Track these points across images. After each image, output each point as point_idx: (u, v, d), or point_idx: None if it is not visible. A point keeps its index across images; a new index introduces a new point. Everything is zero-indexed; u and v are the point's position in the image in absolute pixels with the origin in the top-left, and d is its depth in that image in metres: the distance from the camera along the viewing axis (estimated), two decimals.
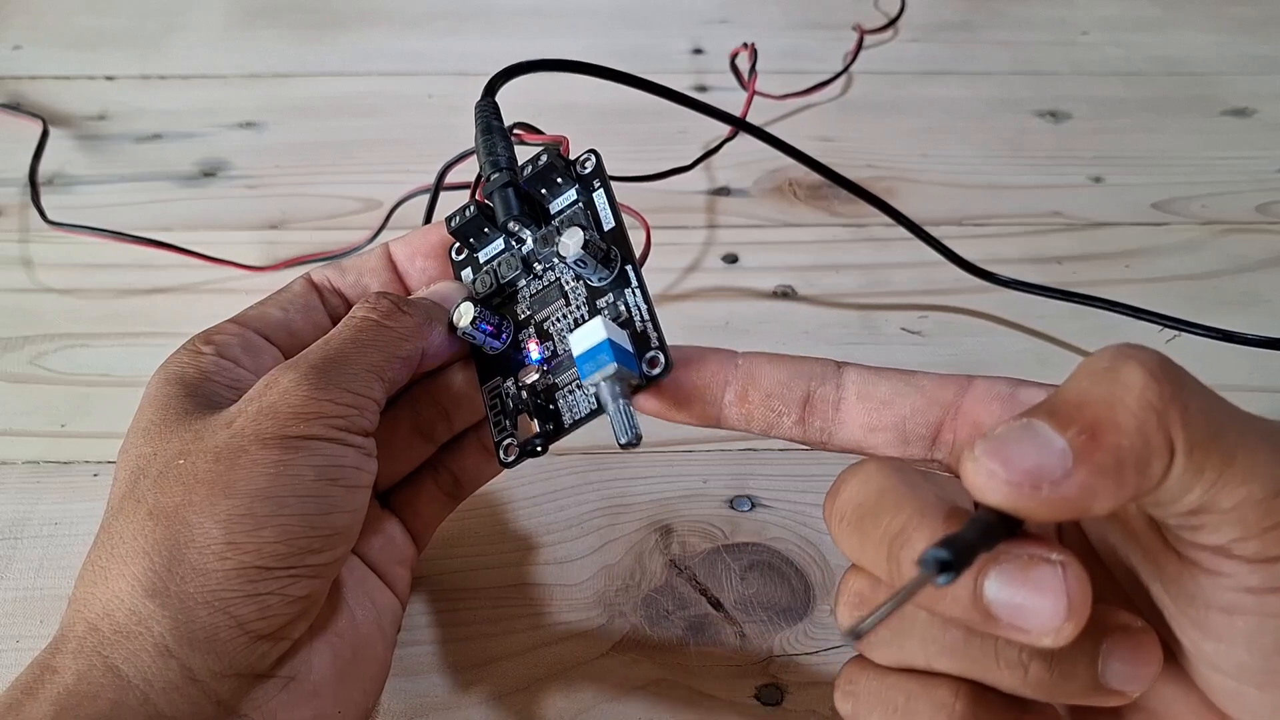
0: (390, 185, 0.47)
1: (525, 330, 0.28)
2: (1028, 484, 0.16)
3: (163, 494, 0.23)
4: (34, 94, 0.55)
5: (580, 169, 0.28)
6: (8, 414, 0.39)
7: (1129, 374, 0.17)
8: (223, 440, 0.23)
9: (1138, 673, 0.19)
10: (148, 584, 0.22)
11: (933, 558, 0.16)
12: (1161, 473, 0.17)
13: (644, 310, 0.26)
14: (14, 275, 0.45)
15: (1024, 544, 0.18)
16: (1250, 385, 0.39)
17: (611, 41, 0.59)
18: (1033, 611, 0.17)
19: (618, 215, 0.27)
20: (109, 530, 0.24)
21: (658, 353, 0.25)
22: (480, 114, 0.30)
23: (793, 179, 0.50)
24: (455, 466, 0.30)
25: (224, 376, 0.26)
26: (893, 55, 0.59)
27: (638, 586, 0.33)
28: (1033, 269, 0.44)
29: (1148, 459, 0.17)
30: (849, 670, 0.22)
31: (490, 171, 0.28)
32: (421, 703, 0.30)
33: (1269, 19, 0.62)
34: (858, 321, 0.43)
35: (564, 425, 0.27)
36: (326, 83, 0.56)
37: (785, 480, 0.36)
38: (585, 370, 0.24)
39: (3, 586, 0.33)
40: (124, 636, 0.22)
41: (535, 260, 0.29)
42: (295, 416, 0.24)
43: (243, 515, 0.23)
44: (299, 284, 0.30)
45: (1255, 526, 0.17)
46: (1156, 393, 0.17)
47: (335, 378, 0.25)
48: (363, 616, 0.26)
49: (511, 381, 0.28)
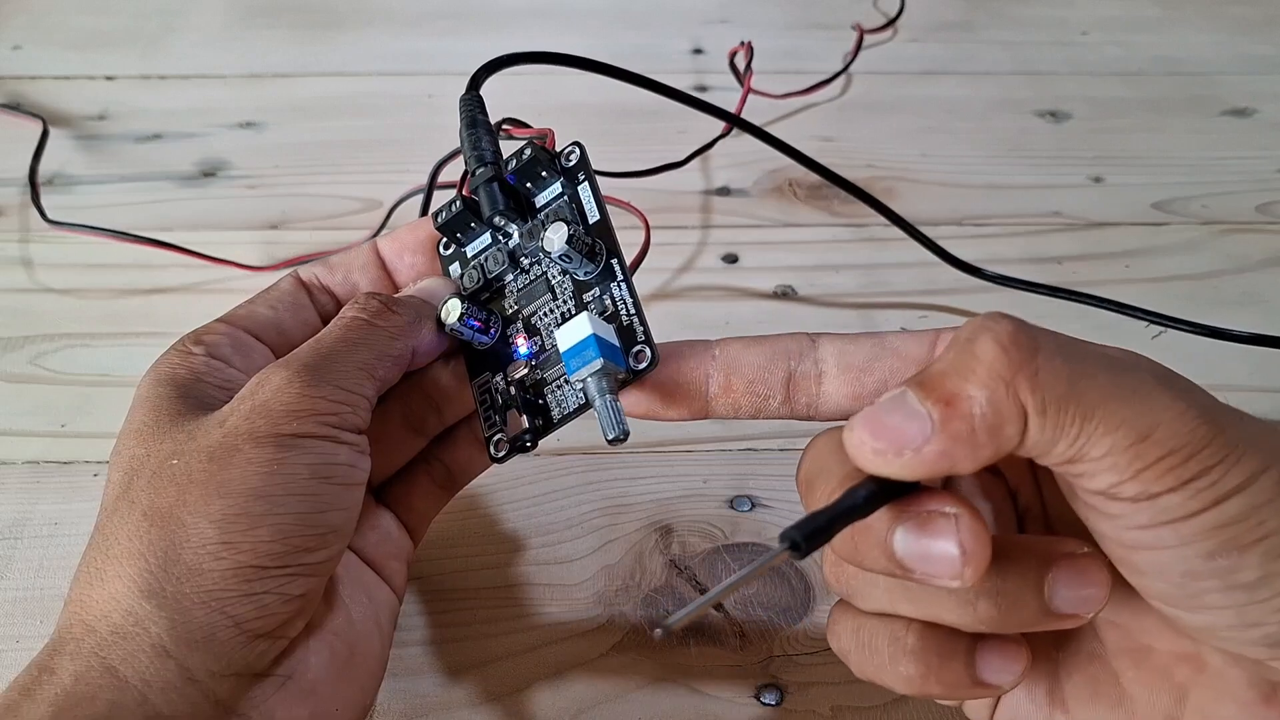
0: (390, 185, 0.47)
1: (513, 325, 0.28)
2: (891, 450, 0.19)
3: (157, 495, 0.23)
4: (34, 94, 0.55)
5: (565, 161, 0.28)
6: (8, 414, 0.39)
7: (981, 346, 0.19)
8: (216, 439, 0.23)
9: (1085, 595, 0.20)
10: (144, 585, 0.22)
11: (785, 537, 0.18)
12: (1018, 435, 0.18)
13: (629, 304, 0.26)
14: (14, 275, 0.45)
15: (926, 499, 0.20)
16: (1249, 385, 0.39)
17: (612, 41, 0.59)
18: (936, 559, 0.19)
19: (602, 208, 0.27)
20: (103, 532, 0.23)
21: (644, 347, 0.25)
22: (465, 108, 0.30)
23: (793, 179, 0.50)
24: (448, 458, 0.30)
25: (215, 377, 0.26)
26: (893, 55, 0.59)
27: (638, 586, 0.33)
28: (1033, 269, 0.44)
29: (1000, 425, 0.18)
30: (835, 612, 0.24)
31: (475, 166, 0.28)
32: (421, 703, 0.30)
33: (1269, 19, 0.62)
34: (858, 321, 0.43)
35: (553, 420, 0.27)
36: (326, 83, 0.56)
37: (785, 480, 0.36)
38: (572, 366, 0.24)
39: (3, 586, 0.33)
40: (121, 637, 0.22)
41: (522, 255, 0.29)
42: (288, 414, 0.24)
43: (237, 515, 0.22)
44: (287, 282, 0.30)
45: (1128, 469, 0.18)
46: (1005, 363, 0.19)
47: (327, 375, 0.25)
48: (359, 613, 0.26)
49: (501, 376, 0.28)
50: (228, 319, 0.28)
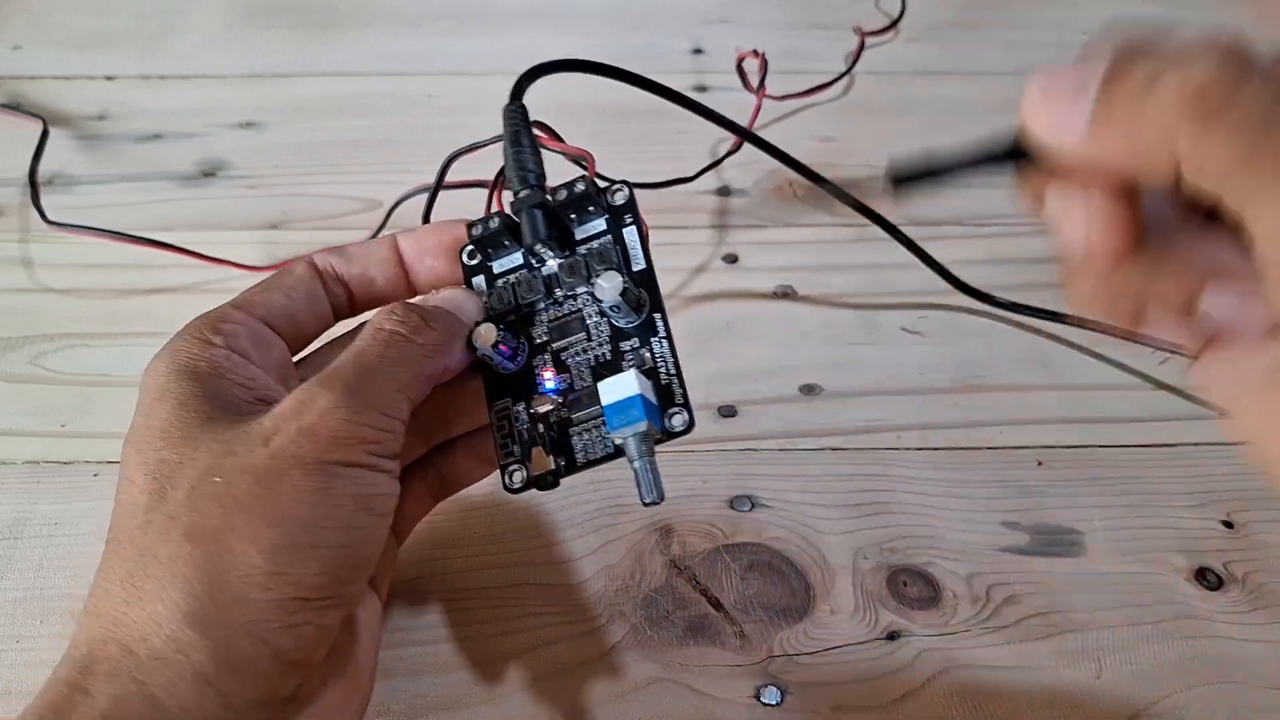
0: (390, 185, 0.47)
1: (541, 356, 0.28)
2: (1045, 124, 0.18)
3: (200, 514, 0.22)
4: (34, 94, 0.55)
5: (611, 198, 0.28)
6: (8, 414, 0.39)
7: (1163, 92, 0.17)
8: (262, 461, 0.23)
9: None
10: (188, 611, 0.22)
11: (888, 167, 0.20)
12: (1167, 178, 0.17)
13: (670, 363, 0.26)
14: (14, 275, 0.45)
15: None
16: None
17: (611, 41, 0.59)
18: (1069, 227, 0.20)
19: (648, 257, 0.27)
20: (138, 544, 0.23)
21: (682, 410, 0.25)
22: (509, 120, 0.29)
23: (793, 179, 0.50)
24: (444, 468, 0.30)
25: (237, 374, 0.25)
26: (893, 55, 0.59)
27: (638, 586, 0.33)
28: (1033, 269, 0.44)
29: (1148, 165, 0.17)
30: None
31: (519, 187, 0.28)
32: (421, 703, 0.30)
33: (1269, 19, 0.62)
34: (858, 321, 0.43)
35: (576, 464, 0.27)
36: (326, 83, 0.56)
37: (785, 480, 0.36)
38: (614, 422, 0.24)
39: (3, 586, 0.33)
40: (162, 663, 0.21)
41: (557, 286, 0.28)
42: (335, 441, 0.23)
43: (286, 545, 0.22)
44: (303, 269, 0.29)
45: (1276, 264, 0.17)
46: (1179, 110, 0.17)
47: (371, 399, 0.24)
48: (358, 627, 0.26)
49: (522, 406, 0.27)
50: (244, 306, 0.27)
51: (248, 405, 0.25)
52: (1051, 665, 0.31)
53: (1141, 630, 0.32)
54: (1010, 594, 0.33)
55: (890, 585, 0.33)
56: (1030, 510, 0.36)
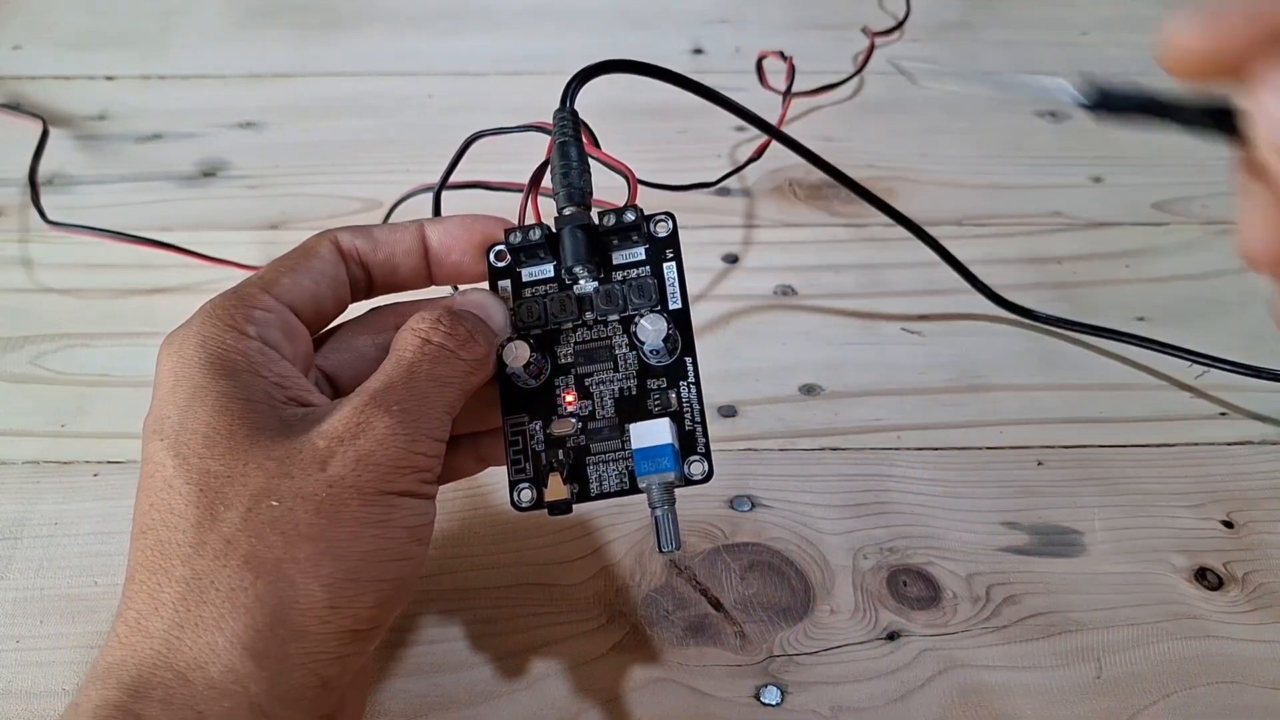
0: (390, 185, 0.47)
1: (563, 376, 0.27)
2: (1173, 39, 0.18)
3: (259, 541, 0.22)
4: (34, 94, 0.55)
5: (653, 228, 0.28)
6: (8, 414, 0.39)
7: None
8: (320, 488, 0.22)
9: None
10: (249, 643, 0.21)
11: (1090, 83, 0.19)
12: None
13: (696, 411, 0.26)
14: (14, 275, 0.45)
15: None
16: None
17: (612, 41, 0.59)
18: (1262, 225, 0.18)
19: (685, 297, 0.27)
20: (194, 568, 0.22)
21: (703, 460, 0.25)
22: (559, 127, 0.28)
23: (793, 179, 0.50)
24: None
25: (271, 370, 0.25)
26: (897, 56, 0.59)
27: (638, 586, 0.33)
28: (1033, 269, 0.44)
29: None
30: None
31: (564, 203, 0.27)
32: (421, 702, 0.30)
33: None
34: (857, 321, 0.43)
35: (590, 494, 0.27)
36: (326, 83, 0.56)
37: (785, 480, 0.36)
38: (642, 467, 0.25)
39: (3, 586, 0.33)
40: (219, 694, 0.21)
41: (589, 309, 0.28)
42: (395, 470, 0.23)
43: (348, 580, 0.22)
44: (328, 250, 0.27)
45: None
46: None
47: (423, 424, 0.24)
48: None
49: (539, 424, 0.27)
50: (273, 292, 0.26)
51: (283, 407, 0.24)
52: (1051, 665, 0.31)
53: (1141, 630, 0.32)
54: (1010, 594, 0.33)
55: (890, 585, 0.33)
56: (1030, 510, 0.36)
